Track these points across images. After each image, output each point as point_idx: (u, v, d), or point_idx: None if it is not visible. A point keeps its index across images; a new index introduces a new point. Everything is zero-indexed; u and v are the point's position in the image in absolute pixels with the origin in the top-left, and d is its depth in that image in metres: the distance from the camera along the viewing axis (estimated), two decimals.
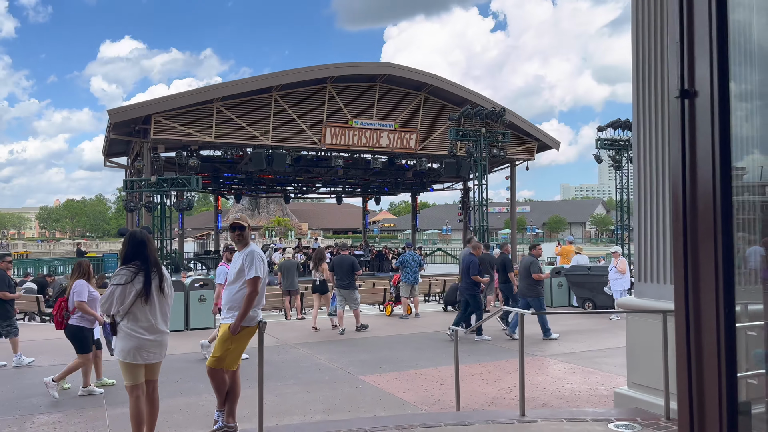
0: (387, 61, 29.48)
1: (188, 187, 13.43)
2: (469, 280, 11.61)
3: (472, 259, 11.63)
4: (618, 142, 20.78)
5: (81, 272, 7.41)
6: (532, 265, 11.35)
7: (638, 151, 5.83)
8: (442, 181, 37.72)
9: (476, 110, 18.85)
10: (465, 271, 11.71)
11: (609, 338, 11.04)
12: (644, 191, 5.73)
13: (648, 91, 5.67)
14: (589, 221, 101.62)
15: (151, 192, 13.64)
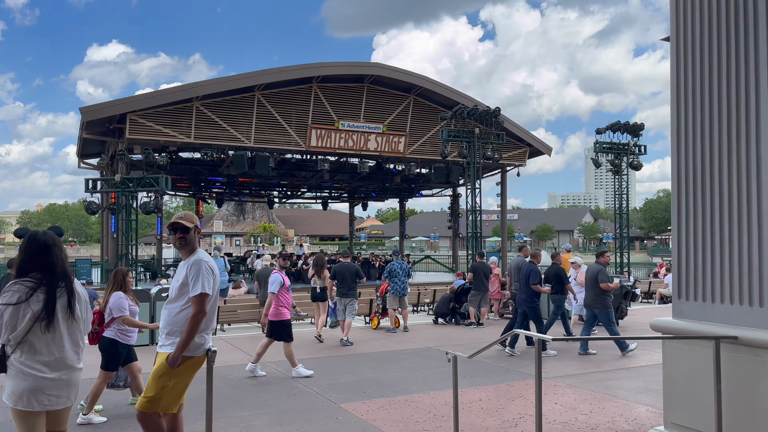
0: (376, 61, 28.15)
1: (156, 187, 12.29)
2: (529, 291, 10.50)
3: (532, 268, 10.50)
4: (617, 145, 19.88)
5: (116, 283, 6.74)
6: (600, 274, 10.35)
7: (678, 149, 4.83)
8: (431, 187, 36.69)
9: (470, 110, 17.85)
10: (524, 280, 10.53)
11: (616, 356, 10.04)
12: (686, 193, 4.72)
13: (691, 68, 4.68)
14: (577, 229, 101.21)
15: (116, 193, 12.48)
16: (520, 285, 10.69)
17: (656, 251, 73.95)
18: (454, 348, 10.76)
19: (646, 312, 16.26)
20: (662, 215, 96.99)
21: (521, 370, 9.17)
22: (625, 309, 13.51)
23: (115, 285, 6.75)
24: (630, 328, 13.38)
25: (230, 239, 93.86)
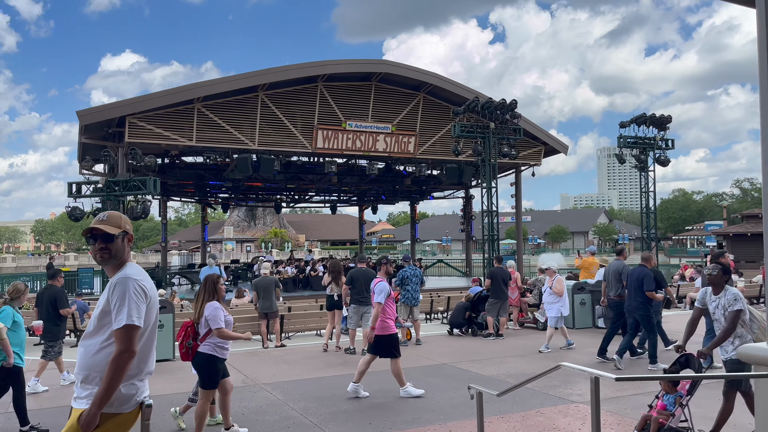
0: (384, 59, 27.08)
1: (144, 190, 11.32)
2: (642, 297, 9.34)
3: (645, 272, 9.35)
4: (643, 140, 18.62)
5: (208, 292, 6.19)
6: (646, 279, 9.28)
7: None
8: (442, 189, 35.57)
9: (484, 103, 16.68)
10: (636, 286, 9.39)
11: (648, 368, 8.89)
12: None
13: None
14: (591, 230, 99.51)
15: (101, 197, 11.53)
16: (630, 291, 9.54)
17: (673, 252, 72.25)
18: (471, 363, 9.72)
19: (677, 318, 15.05)
20: (679, 215, 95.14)
21: (550, 392, 8.06)
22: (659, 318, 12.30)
23: (206, 294, 6.16)
24: None
25: (241, 245, 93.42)
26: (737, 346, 5.35)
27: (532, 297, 14.13)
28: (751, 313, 5.60)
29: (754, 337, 5.46)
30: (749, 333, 5.51)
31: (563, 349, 11.01)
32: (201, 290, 6.27)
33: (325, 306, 11.64)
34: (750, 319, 5.57)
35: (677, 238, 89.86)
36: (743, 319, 5.53)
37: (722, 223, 58.02)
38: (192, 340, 6.03)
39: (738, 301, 5.50)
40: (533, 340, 12.34)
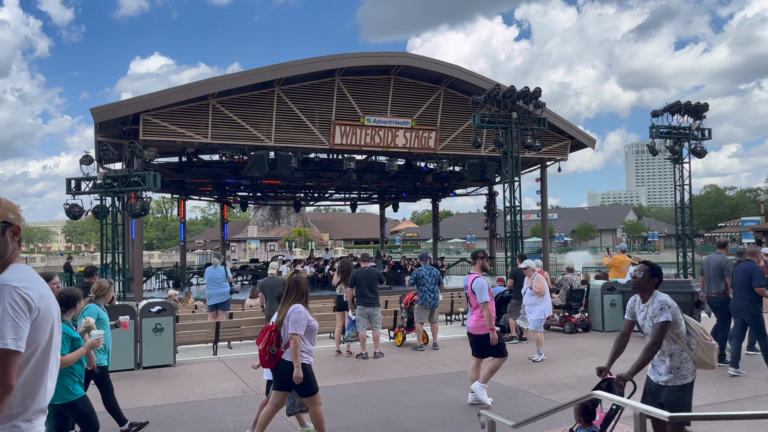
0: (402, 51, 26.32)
1: (143, 186, 10.77)
2: (751, 295, 8.45)
3: (754, 267, 8.44)
4: (678, 130, 17.50)
5: (299, 293, 5.75)
6: (755, 274, 8.37)
7: None
8: (465, 186, 34.71)
9: (505, 91, 15.78)
10: (743, 282, 8.49)
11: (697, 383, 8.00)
12: None
13: None
14: (620, 228, 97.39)
15: (99, 194, 11.01)
16: (736, 289, 8.62)
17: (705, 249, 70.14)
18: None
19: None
20: (711, 212, 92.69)
21: None
22: (697, 320, 11.37)
23: (297, 295, 5.72)
24: None
25: (264, 244, 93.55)
26: (672, 367, 4.35)
27: (558, 297, 13.27)
28: (688, 325, 4.45)
29: (693, 355, 4.34)
30: (686, 350, 4.39)
31: (535, 361, 9.76)
32: (290, 291, 5.79)
33: (335, 306, 10.94)
34: (688, 332, 4.42)
35: (709, 236, 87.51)
36: (676, 332, 4.37)
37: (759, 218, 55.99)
38: (276, 346, 5.60)
39: (665, 310, 4.34)
40: (559, 344, 11.50)
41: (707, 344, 4.34)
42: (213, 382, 8.67)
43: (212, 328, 10.88)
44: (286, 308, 5.67)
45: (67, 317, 5.10)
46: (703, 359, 4.33)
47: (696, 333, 4.38)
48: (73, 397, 4.74)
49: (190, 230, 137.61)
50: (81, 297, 5.60)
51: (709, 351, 4.33)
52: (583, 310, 13.22)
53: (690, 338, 4.40)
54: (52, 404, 4.57)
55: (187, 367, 9.74)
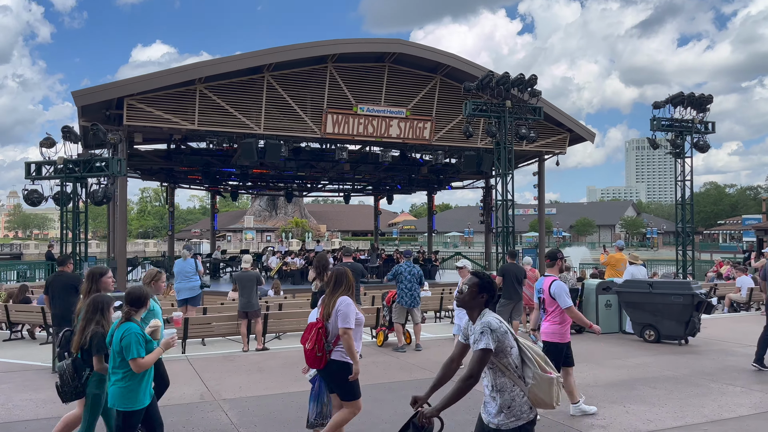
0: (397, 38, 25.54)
1: (107, 172, 10.08)
2: None
3: None
4: (680, 122, 16.70)
5: (347, 285, 5.32)
6: None
7: None
8: (461, 178, 33.97)
9: (499, 78, 15.00)
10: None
11: (697, 397, 7.34)
12: None
13: None
14: (618, 224, 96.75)
15: (60, 179, 10.32)
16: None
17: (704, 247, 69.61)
18: None
19: (717, 324, 13.40)
20: (711, 209, 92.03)
21: (570, 423, 6.57)
22: (697, 324, 10.73)
23: (344, 287, 5.29)
24: (705, 347, 10.59)
25: (261, 234, 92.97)
26: (503, 406, 3.44)
27: None
28: (524, 353, 3.53)
29: (528, 390, 3.45)
30: (519, 384, 3.47)
31: None
32: (337, 282, 5.34)
33: (310, 303, 10.26)
34: (523, 362, 3.52)
35: (708, 233, 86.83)
36: (504, 362, 3.46)
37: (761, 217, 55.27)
38: (327, 340, 5.15)
39: (486, 335, 3.40)
40: None
41: (543, 377, 3.45)
42: (171, 385, 8.00)
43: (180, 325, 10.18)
44: (334, 301, 5.19)
45: (138, 317, 4.72)
46: (539, 396, 3.45)
47: (533, 363, 3.49)
48: (133, 407, 4.54)
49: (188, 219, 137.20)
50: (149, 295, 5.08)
51: (545, 386, 3.44)
52: None
53: (525, 369, 3.50)
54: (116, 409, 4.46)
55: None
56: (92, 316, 4.83)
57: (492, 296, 3.63)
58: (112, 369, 4.53)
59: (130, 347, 4.40)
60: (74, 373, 4.81)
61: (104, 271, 5.74)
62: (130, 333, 4.45)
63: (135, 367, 4.41)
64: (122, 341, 4.42)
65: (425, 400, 3.60)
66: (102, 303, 4.98)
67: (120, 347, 4.44)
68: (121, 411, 4.48)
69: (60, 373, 4.86)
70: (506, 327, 3.52)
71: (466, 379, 3.37)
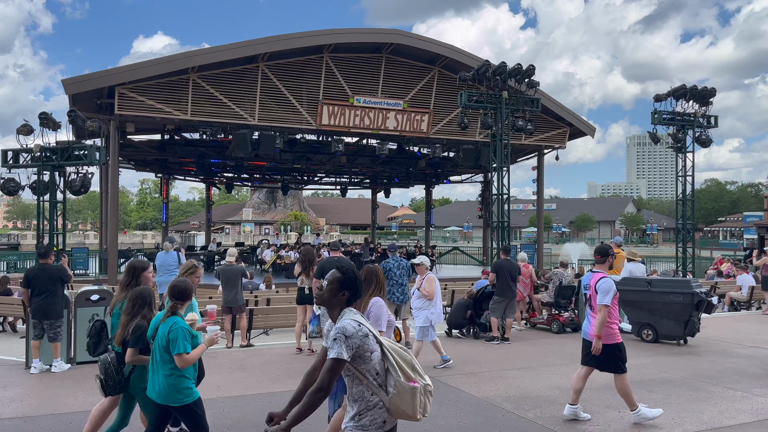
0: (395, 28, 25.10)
1: (85, 161, 9.67)
2: None
3: None
4: (682, 116, 16.27)
5: (378, 285, 5.17)
6: None
7: None
8: (460, 172, 33.62)
9: (495, 68, 14.56)
10: None
11: (696, 402, 6.99)
12: None
13: None
14: (618, 220, 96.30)
15: (37, 168, 9.94)
16: None
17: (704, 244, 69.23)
18: (465, 377, 7.61)
19: (717, 323, 13.04)
20: (711, 206, 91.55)
21: (561, 429, 6.21)
22: (697, 324, 10.37)
23: (375, 287, 5.14)
24: (704, 348, 10.24)
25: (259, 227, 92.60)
26: (355, 415, 3.04)
27: (547, 294, 12.25)
28: (388, 359, 3.05)
29: (389, 401, 3.02)
30: (379, 393, 3.04)
31: (438, 368, 8.54)
32: (368, 280, 5.14)
33: (296, 299, 9.91)
34: (387, 368, 3.06)
35: (708, 230, 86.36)
36: (361, 368, 3.02)
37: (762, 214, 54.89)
38: None
39: (339, 342, 2.96)
40: (545, 345, 10.50)
41: (405, 386, 3.01)
42: None
43: None
44: (366, 302, 5.01)
45: (182, 311, 4.60)
46: (400, 407, 3.02)
47: (396, 369, 3.04)
48: (189, 399, 4.41)
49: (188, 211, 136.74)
50: (194, 288, 4.94)
51: (407, 396, 3.01)
52: (573, 309, 12.21)
53: (388, 377, 3.06)
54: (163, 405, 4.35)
55: None
56: (138, 310, 4.73)
57: (355, 294, 3.18)
58: (159, 364, 4.39)
59: (177, 342, 4.30)
60: (118, 367, 4.73)
61: (146, 266, 5.55)
62: (177, 327, 4.34)
63: (180, 362, 4.30)
64: (169, 335, 4.33)
65: (283, 417, 3.11)
66: (149, 296, 4.84)
67: (166, 341, 4.34)
68: (179, 407, 4.38)
69: (104, 366, 4.73)
70: (367, 329, 3.01)
71: (315, 392, 2.96)
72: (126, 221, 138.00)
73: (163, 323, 4.42)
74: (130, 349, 4.63)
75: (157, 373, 4.39)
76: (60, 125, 9.82)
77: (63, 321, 8.40)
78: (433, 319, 8.62)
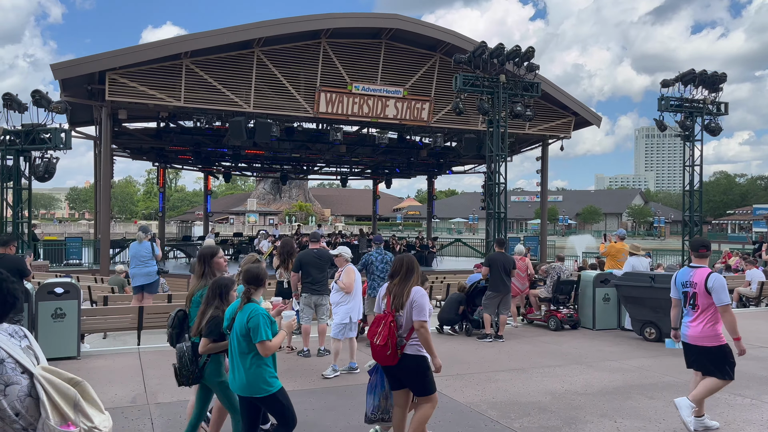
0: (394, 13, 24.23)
1: (50, 144, 9.08)
2: None
3: None
4: (691, 102, 15.51)
5: (419, 274, 5.05)
6: None
7: None
8: (462, 162, 32.92)
9: (492, 50, 13.83)
10: None
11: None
12: None
13: None
14: (626, 212, 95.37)
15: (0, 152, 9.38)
16: None
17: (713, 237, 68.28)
18: (451, 380, 6.89)
19: None
20: (720, 199, 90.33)
21: None
22: None
23: (415, 275, 4.96)
24: None
25: (264, 218, 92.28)
26: None
27: (544, 289, 11.65)
28: (37, 391, 2.32)
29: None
30: None
31: (344, 373, 7.79)
32: (406, 270, 4.96)
33: (274, 294, 9.35)
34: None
35: (717, 223, 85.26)
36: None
37: None
38: (399, 334, 4.80)
39: None
40: (540, 344, 9.90)
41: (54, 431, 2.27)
42: (107, 383, 7.14)
43: (135, 314, 9.31)
44: (408, 291, 4.84)
45: (257, 297, 4.47)
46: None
47: (47, 409, 2.27)
48: (273, 389, 4.27)
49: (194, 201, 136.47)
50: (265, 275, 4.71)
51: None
52: (572, 305, 11.61)
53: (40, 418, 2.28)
54: (247, 397, 4.25)
55: (90, 361, 8.20)
56: (212, 300, 4.60)
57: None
58: (239, 354, 4.23)
59: (258, 329, 4.14)
60: (193, 357, 4.62)
61: (215, 251, 5.38)
62: (257, 314, 4.19)
63: (262, 350, 4.14)
64: (249, 323, 4.17)
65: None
66: (223, 286, 4.66)
67: (246, 330, 4.18)
68: (263, 397, 4.23)
69: (179, 355, 4.62)
70: (4, 353, 2.29)
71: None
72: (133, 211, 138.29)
73: (240, 311, 4.28)
74: (204, 338, 4.51)
75: (237, 365, 4.25)
76: (27, 107, 9.28)
77: (23, 316, 7.88)
78: (353, 315, 7.92)
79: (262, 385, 4.22)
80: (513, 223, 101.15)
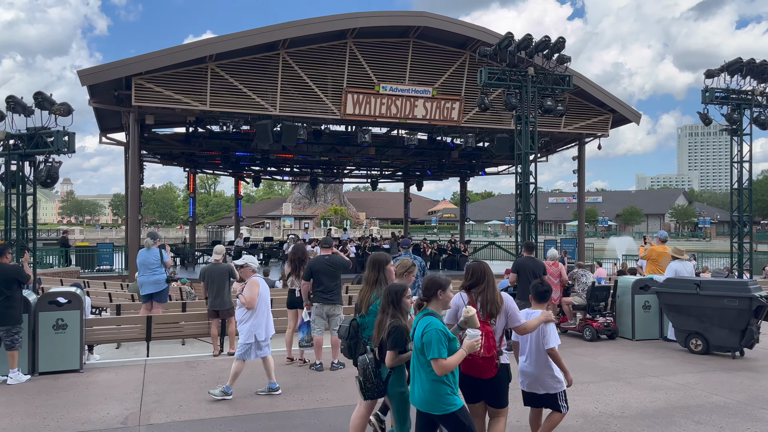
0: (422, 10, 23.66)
1: (51, 148, 8.76)
2: None
3: None
4: (738, 93, 14.44)
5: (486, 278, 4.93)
6: None
7: None
8: (496, 163, 32.06)
9: (519, 41, 13.01)
10: None
11: None
12: None
13: None
14: (668, 213, 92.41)
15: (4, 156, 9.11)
16: None
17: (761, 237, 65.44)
18: None
19: None
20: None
21: None
22: (756, 333, 8.84)
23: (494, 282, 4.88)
24: (765, 362, 8.71)
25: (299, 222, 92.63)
26: None
27: (579, 296, 10.85)
28: None
29: None
30: None
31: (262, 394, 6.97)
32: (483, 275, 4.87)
33: (286, 303, 8.82)
34: None
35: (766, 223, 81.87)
36: None
37: None
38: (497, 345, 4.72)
39: None
40: (572, 357, 9.13)
41: None
42: (102, 400, 6.71)
43: (143, 324, 8.92)
44: (498, 299, 4.71)
45: (436, 308, 4.34)
46: None
47: None
48: (453, 408, 4.09)
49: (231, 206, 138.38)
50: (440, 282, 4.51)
51: None
52: (609, 312, 10.79)
53: None
54: (426, 414, 4.12)
55: (92, 375, 7.82)
56: (387, 308, 4.49)
57: None
58: (418, 367, 4.12)
59: (431, 345, 3.98)
60: (376, 369, 4.55)
61: (388, 259, 5.39)
62: (431, 329, 4.02)
63: (437, 369, 3.97)
64: (423, 338, 4.04)
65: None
66: (396, 293, 4.52)
67: (421, 344, 4.05)
68: (442, 415, 4.06)
69: (362, 367, 4.58)
70: None
71: None
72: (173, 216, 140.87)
73: (419, 323, 4.16)
74: (390, 351, 4.38)
75: (417, 377, 4.13)
76: (33, 110, 9.03)
77: (22, 327, 7.54)
78: (258, 333, 6.88)
79: (439, 403, 4.04)
80: (551, 225, 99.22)
